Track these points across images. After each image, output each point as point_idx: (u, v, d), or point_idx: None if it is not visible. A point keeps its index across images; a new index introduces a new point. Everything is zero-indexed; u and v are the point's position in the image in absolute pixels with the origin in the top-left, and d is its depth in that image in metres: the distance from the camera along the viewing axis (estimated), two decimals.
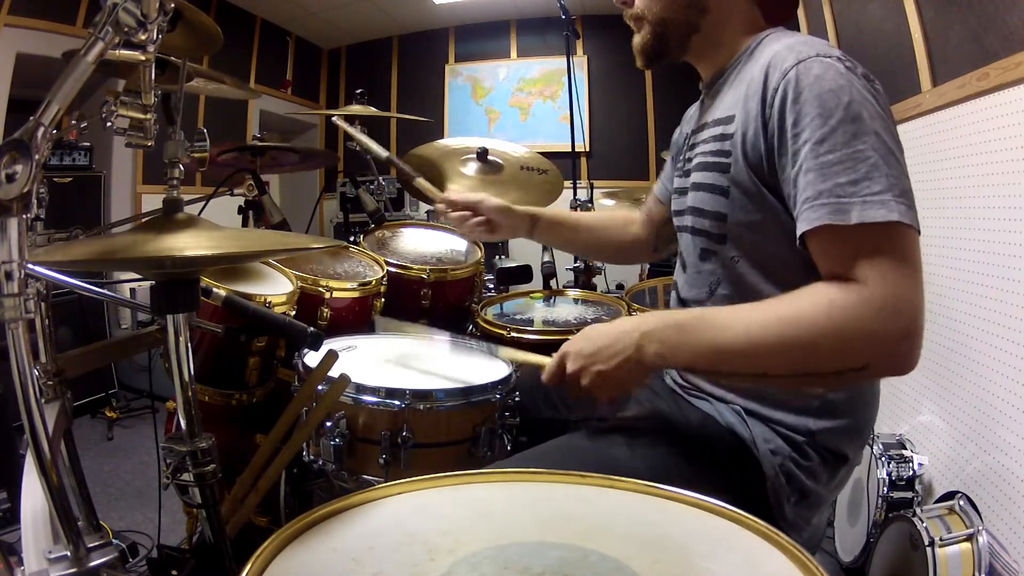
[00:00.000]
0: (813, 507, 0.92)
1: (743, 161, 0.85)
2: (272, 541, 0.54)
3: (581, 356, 0.86)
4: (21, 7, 3.24)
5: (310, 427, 1.00)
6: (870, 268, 0.72)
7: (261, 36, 5.08)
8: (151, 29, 0.64)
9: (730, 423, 0.92)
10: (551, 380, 0.91)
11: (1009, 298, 1.61)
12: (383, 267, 1.78)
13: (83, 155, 3.29)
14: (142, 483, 2.44)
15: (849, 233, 0.73)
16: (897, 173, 0.74)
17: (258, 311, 1.14)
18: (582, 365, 0.85)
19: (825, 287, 0.75)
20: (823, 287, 0.75)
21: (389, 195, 4.29)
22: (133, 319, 3.65)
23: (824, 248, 0.77)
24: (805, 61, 0.78)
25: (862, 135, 0.74)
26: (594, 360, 0.84)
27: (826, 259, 0.77)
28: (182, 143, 0.79)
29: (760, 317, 0.77)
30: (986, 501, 1.62)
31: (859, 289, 0.72)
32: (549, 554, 0.55)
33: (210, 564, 0.81)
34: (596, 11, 4.98)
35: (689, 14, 0.95)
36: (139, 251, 0.65)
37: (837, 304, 0.72)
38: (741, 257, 0.89)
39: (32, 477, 0.72)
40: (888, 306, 0.71)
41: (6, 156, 0.54)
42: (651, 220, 1.29)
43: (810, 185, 0.75)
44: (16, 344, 0.58)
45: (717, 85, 0.98)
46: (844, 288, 0.73)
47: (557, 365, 0.90)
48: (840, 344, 0.73)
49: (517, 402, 1.14)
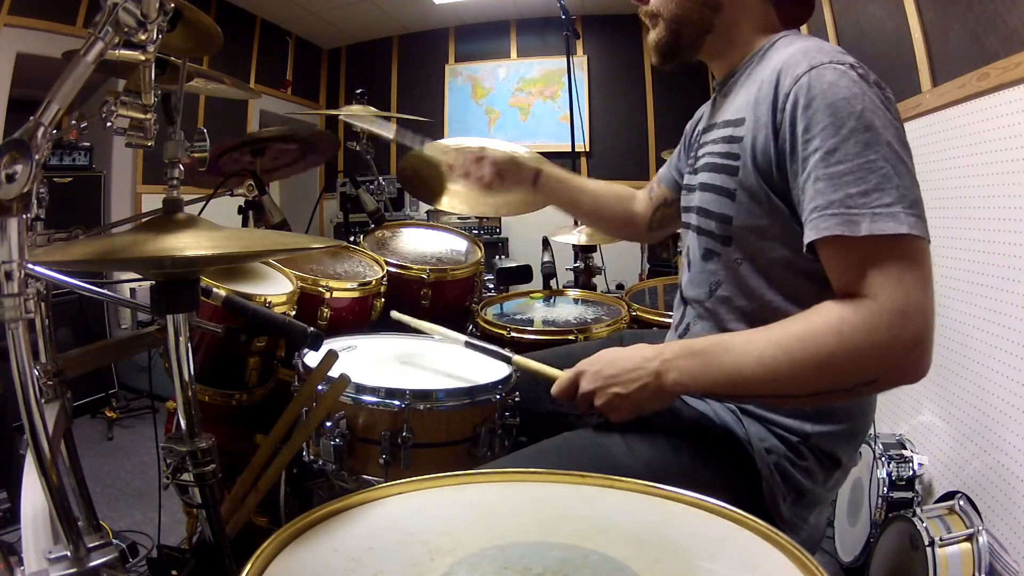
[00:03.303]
0: (810, 506, 0.93)
1: (752, 165, 0.85)
2: (272, 541, 0.54)
3: (600, 377, 0.87)
4: (21, 7, 3.24)
5: (310, 427, 1.00)
6: (879, 279, 0.73)
7: (261, 36, 5.08)
8: (151, 29, 0.64)
9: (726, 422, 0.92)
10: (561, 394, 0.92)
11: (1009, 298, 1.61)
12: (383, 267, 1.78)
13: (83, 155, 3.29)
14: (142, 483, 2.44)
15: (858, 244, 0.73)
16: (908, 183, 0.74)
17: (258, 311, 1.14)
18: (599, 386, 0.87)
19: (834, 305, 0.76)
20: (833, 306, 0.76)
21: (389, 195, 4.29)
22: (133, 319, 3.65)
23: (833, 258, 0.77)
24: (818, 67, 0.78)
25: (874, 145, 0.74)
26: (613, 382, 0.85)
27: (835, 269, 0.77)
28: (182, 143, 0.79)
29: (774, 339, 0.78)
30: (986, 501, 1.62)
31: (868, 304, 0.73)
32: (549, 554, 0.55)
33: (210, 564, 0.81)
34: (596, 11, 4.98)
35: (703, 12, 0.95)
36: (139, 251, 0.65)
37: (847, 322, 0.73)
38: (744, 260, 0.89)
39: (32, 477, 0.72)
40: (897, 317, 0.71)
41: (6, 156, 0.54)
42: (651, 199, 1.30)
43: (820, 194, 0.76)
44: (16, 344, 0.58)
45: (729, 85, 0.98)
46: (853, 305, 0.74)
47: (571, 381, 0.91)
48: (853, 362, 0.74)
49: (517, 402, 1.14)
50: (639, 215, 1.32)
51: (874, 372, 0.74)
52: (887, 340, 0.72)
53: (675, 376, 0.83)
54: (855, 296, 0.75)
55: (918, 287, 0.72)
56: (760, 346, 0.78)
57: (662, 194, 1.27)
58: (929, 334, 0.73)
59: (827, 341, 0.74)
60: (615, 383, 0.85)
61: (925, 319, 0.72)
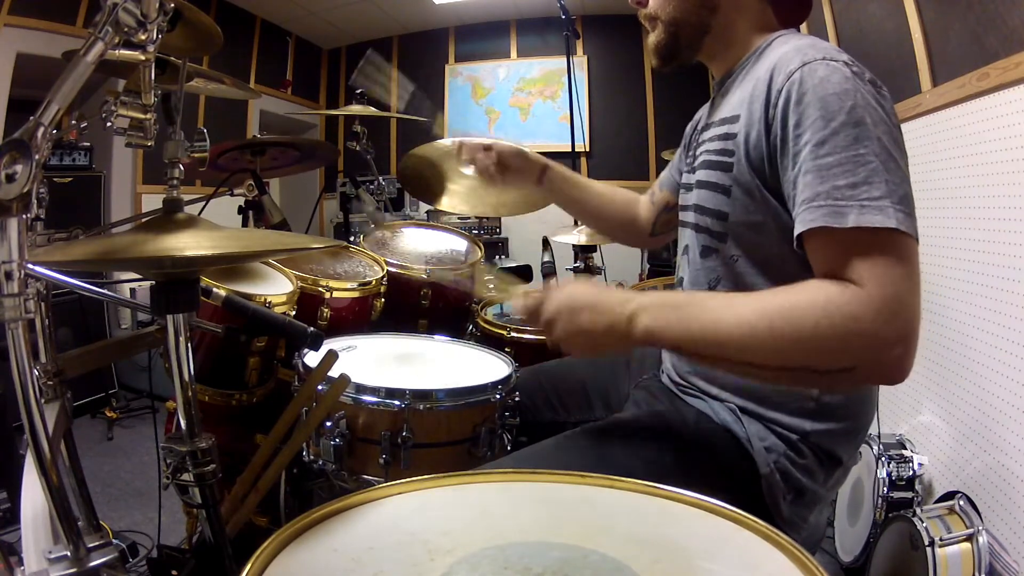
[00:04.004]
0: (810, 505, 0.92)
1: (745, 161, 0.85)
2: (272, 541, 0.54)
3: (567, 305, 0.82)
4: (21, 7, 3.24)
5: (310, 427, 1.00)
6: (867, 270, 0.71)
7: (261, 36, 5.08)
8: (151, 29, 0.64)
9: (725, 421, 0.92)
10: (525, 312, 0.87)
11: (1009, 298, 1.61)
12: (383, 267, 1.78)
13: (83, 155, 3.29)
14: (142, 483, 2.44)
15: (845, 236, 0.72)
16: (898, 180, 0.73)
17: (258, 311, 1.14)
18: (565, 314, 0.82)
19: (823, 283, 0.74)
20: (821, 283, 0.74)
21: (389, 195, 4.29)
22: (133, 319, 3.65)
23: (819, 250, 0.76)
24: (811, 63, 0.78)
25: (864, 139, 0.73)
26: (579, 314, 0.81)
27: (821, 261, 0.76)
28: (182, 143, 0.79)
29: (755, 305, 0.75)
30: (986, 501, 1.61)
31: (856, 290, 0.71)
32: (549, 554, 0.55)
33: (210, 564, 0.81)
34: (596, 11, 4.97)
35: (701, 14, 0.95)
36: (139, 251, 0.65)
37: (834, 301, 0.71)
38: (741, 256, 0.90)
39: (32, 477, 0.72)
40: (885, 308, 0.70)
41: (6, 156, 0.54)
42: (653, 204, 1.29)
43: (808, 187, 0.75)
44: (16, 344, 0.58)
45: (727, 84, 0.98)
46: (841, 286, 0.72)
47: (536, 300, 0.85)
48: (832, 341, 0.71)
49: (517, 402, 1.14)
50: (642, 220, 1.32)
51: (852, 359, 0.72)
52: (871, 328, 0.69)
53: (647, 322, 0.78)
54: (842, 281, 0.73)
55: (906, 283, 0.71)
56: (740, 309, 0.76)
57: (664, 198, 1.26)
58: (914, 333, 0.71)
59: (810, 315, 0.71)
60: (582, 315, 0.80)
61: (911, 317, 0.71)
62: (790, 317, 0.72)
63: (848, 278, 0.72)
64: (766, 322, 0.73)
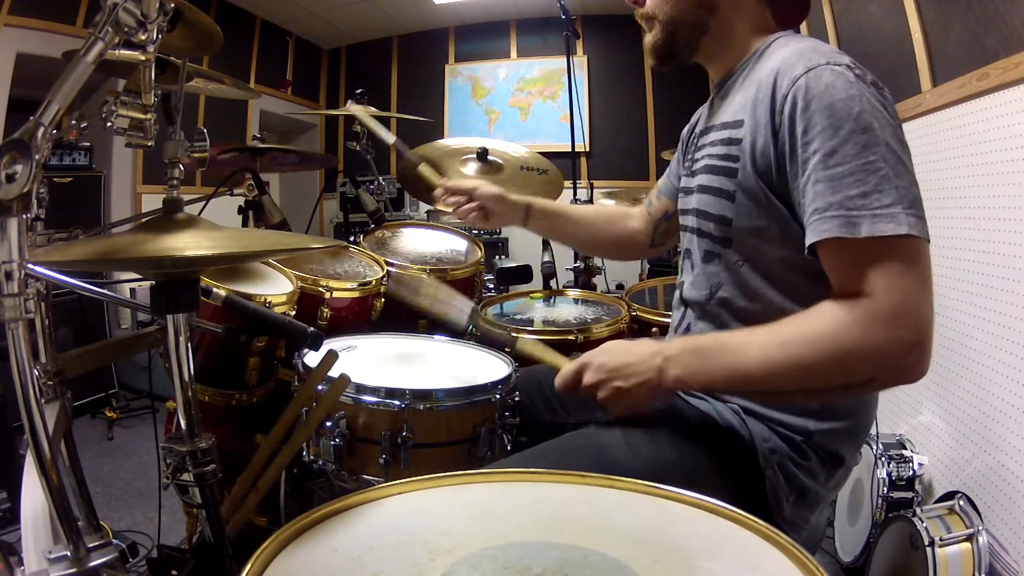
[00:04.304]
0: (812, 506, 0.93)
1: (751, 167, 0.85)
2: (272, 541, 0.54)
3: (603, 370, 0.87)
4: (21, 7, 3.24)
5: (310, 427, 1.00)
6: (878, 279, 0.73)
7: (261, 36, 5.08)
8: (151, 29, 0.64)
9: (728, 422, 0.92)
10: (565, 386, 0.92)
11: (1009, 298, 1.61)
12: (383, 267, 1.78)
13: (83, 155, 3.29)
14: (142, 483, 2.44)
15: (858, 245, 0.74)
16: (907, 183, 0.74)
17: (258, 311, 1.14)
18: (602, 379, 0.87)
19: (832, 305, 0.76)
20: (830, 306, 0.77)
21: (389, 195, 4.29)
22: (133, 319, 3.65)
23: (834, 260, 0.78)
24: (815, 69, 0.78)
25: (873, 146, 0.74)
26: (615, 376, 0.86)
27: (836, 270, 0.78)
28: (182, 143, 0.79)
29: (772, 339, 0.79)
30: (986, 501, 1.62)
31: (865, 304, 0.73)
32: (549, 554, 0.55)
33: (210, 564, 0.81)
34: (596, 11, 4.97)
35: (698, 14, 0.95)
36: (139, 251, 0.65)
37: (843, 323, 0.74)
38: (744, 261, 0.90)
39: (32, 477, 0.72)
40: (896, 316, 0.72)
41: (6, 156, 0.54)
42: (651, 215, 1.29)
43: (820, 196, 0.76)
44: (16, 344, 0.58)
45: (727, 87, 0.97)
46: (850, 305, 0.75)
47: (575, 373, 0.91)
48: (846, 362, 0.75)
49: (517, 402, 1.13)
50: (637, 232, 1.31)
51: (871, 371, 0.75)
52: (884, 339, 0.72)
53: (676, 372, 0.83)
54: (855, 295, 0.75)
55: (917, 286, 0.73)
56: (758, 345, 0.79)
57: (663, 206, 1.25)
58: (928, 334, 0.73)
59: (824, 340, 0.75)
60: (617, 376, 0.86)
61: (923, 319, 0.73)
62: (803, 345, 0.76)
63: (860, 288, 0.75)
64: (783, 354, 0.77)
